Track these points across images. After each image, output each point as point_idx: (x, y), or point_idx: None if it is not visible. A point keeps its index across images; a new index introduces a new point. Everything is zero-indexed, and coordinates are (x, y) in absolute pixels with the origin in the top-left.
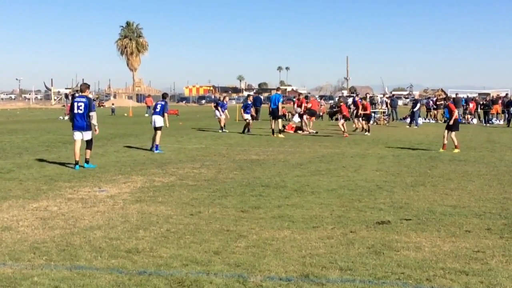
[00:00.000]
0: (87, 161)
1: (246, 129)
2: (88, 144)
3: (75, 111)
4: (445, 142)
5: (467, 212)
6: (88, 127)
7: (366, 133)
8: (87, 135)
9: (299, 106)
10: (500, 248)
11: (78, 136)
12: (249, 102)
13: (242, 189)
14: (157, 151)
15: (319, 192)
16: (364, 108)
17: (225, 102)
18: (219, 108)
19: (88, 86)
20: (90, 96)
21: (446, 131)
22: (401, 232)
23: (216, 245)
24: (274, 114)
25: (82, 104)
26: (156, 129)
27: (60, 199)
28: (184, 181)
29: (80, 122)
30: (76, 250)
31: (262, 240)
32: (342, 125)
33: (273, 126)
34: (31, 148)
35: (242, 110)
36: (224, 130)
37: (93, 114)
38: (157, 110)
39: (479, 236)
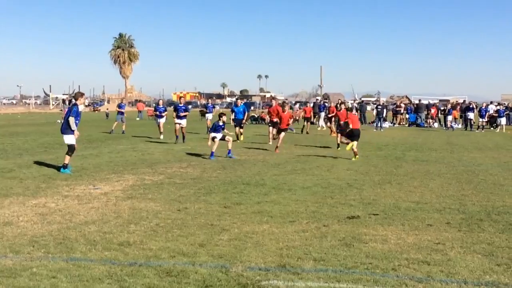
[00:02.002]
0: (64, 166)
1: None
2: (68, 148)
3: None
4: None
5: (428, 208)
6: (66, 131)
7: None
8: (65, 139)
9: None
10: (458, 240)
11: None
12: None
13: (225, 186)
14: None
15: (295, 189)
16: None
17: (209, 105)
18: (206, 110)
19: (81, 94)
20: (79, 103)
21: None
22: (369, 226)
23: (201, 238)
24: (240, 123)
25: (67, 110)
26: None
27: (57, 196)
28: (172, 180)
29: (62, 126)
30: (72, 243)
31: (243, 233)
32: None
33: (237, 132)
34: (31, 149)
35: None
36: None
37: (70, 119)
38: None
39: (440, 230)
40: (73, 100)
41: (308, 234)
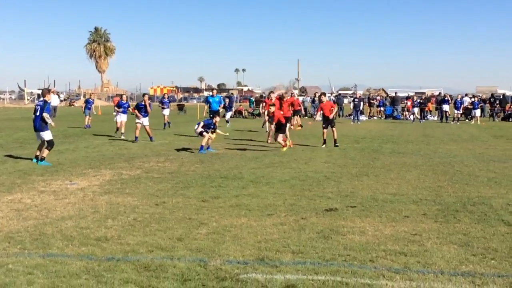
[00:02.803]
0: (42, 159)
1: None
2: (47, 143)
3: (34, 114)
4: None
5: (405, 199)
6: (42, 128)
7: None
8: (44, 136)
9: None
10: (435, 231)
11: (36, 136)
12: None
13: (203, 180)
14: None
15: (273, 182)
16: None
17: (165, 100)
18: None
19: (48, 91)
20: (48, 99)
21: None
22: (347, 218)
23: (179, 232)
24: (216, 113)
25: (38, 108)
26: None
27: (33, 192)
28: (149, 174)
29: (35, 123)
30: (49, 239)
31: (221, 227)
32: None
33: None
34: (5, 145)
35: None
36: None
37: (45, 114)
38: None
39: (416, 221)
40: (55, 96)
41: (286, 227)
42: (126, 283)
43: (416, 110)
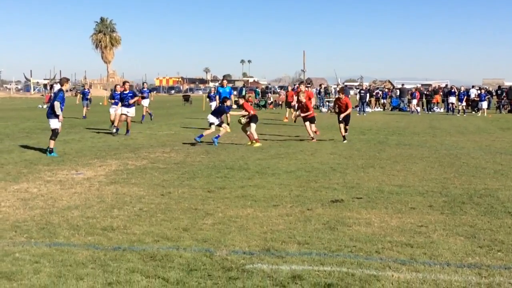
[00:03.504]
0: (50, 151)
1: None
2: (51, 132)
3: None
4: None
5: (411, 191)
6: (50, 115)
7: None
8: (50, 123)
9: None
10: (441, 223)
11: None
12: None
13: (208, 171)
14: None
15: (279, 173)
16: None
17: (145, 89)
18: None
19: (67, 80)
20: (64, 88)
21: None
22: (353, 209)
23: (185, 222)
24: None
25: (53, 95)
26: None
27: (39, 181)
28: (155, 164)
29: (48, 111)
30: (55, 228)
31: (227, 217)
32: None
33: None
34: (12, 135)
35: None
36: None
37: (56, 103)
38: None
39: (423, 212)
40: (57, 86)
41: (292, 218)
42: (132, 273)
43: (414, 102)
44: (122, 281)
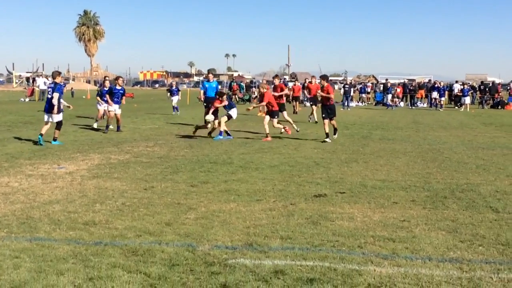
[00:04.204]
0: (54, 139)
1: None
2: (57, 124)
3: (47, 96)
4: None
5: (394, 186)
6: (53, 109)
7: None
8: (55, 117)
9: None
10: (423, 218)
11: (46, 118)
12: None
13: (192, 165)
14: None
15: (262, 168)
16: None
17: (173, 88)
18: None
19: (59, 73)
20: (57, 81)
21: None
22: (336, 204)
23: (167, 217)
24: (211, 101)
25: (50, 90)
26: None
27: (20, 176)
28: (138, 159)
29: (46, 105)
30: (36, 223)
31: (210, 212)
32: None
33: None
34: None
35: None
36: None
37: (54, 95)
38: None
39: (405, 207)
40: (39, 79)
41: (275, 212)
42: (114, 268)
43: (389, 96)
44: (103, 276)
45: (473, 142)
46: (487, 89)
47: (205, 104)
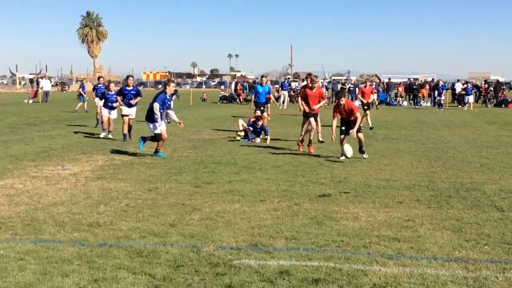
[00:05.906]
0: (144, 139)
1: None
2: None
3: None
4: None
5: (398, 185)
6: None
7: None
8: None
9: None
10: (428, 217)
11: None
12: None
13: (195, 166)
14: None
15: (266, 168)
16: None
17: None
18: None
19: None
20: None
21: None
22: (340, 204)
23: (172, 218)
24: (262, 106)
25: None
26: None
27: (25, 177)
28: (142, 160)
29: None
30: (40, 225)
31: (214, 212)
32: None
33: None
34: None
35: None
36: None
37: (155, 105)
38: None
39: (410, 207)
40: (43, 81)
41: (280, 213)
42: (119, 269)
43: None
44: (108, 277)
45: (477, 141)
46: (491, 87)
47: (255, 109)
